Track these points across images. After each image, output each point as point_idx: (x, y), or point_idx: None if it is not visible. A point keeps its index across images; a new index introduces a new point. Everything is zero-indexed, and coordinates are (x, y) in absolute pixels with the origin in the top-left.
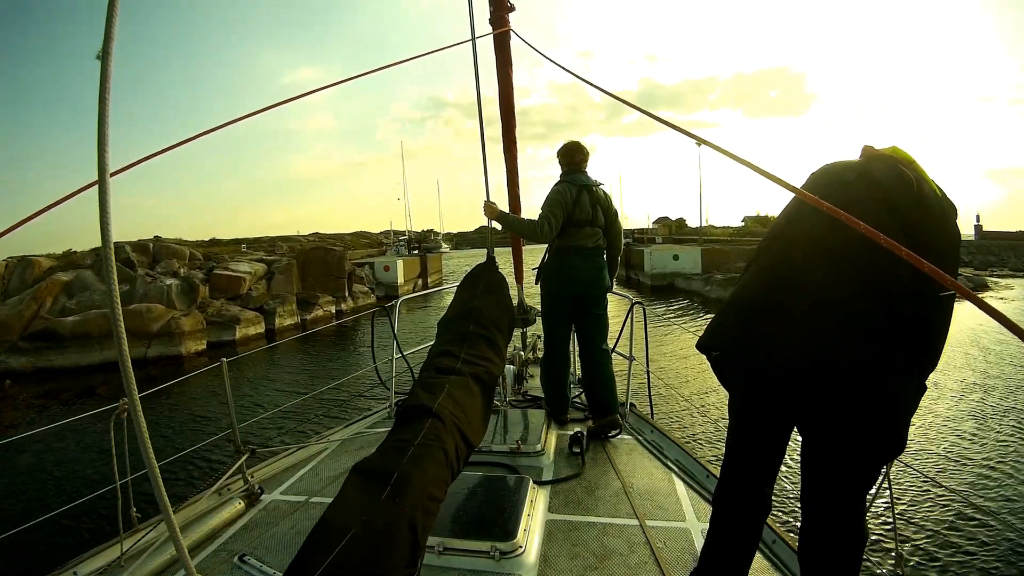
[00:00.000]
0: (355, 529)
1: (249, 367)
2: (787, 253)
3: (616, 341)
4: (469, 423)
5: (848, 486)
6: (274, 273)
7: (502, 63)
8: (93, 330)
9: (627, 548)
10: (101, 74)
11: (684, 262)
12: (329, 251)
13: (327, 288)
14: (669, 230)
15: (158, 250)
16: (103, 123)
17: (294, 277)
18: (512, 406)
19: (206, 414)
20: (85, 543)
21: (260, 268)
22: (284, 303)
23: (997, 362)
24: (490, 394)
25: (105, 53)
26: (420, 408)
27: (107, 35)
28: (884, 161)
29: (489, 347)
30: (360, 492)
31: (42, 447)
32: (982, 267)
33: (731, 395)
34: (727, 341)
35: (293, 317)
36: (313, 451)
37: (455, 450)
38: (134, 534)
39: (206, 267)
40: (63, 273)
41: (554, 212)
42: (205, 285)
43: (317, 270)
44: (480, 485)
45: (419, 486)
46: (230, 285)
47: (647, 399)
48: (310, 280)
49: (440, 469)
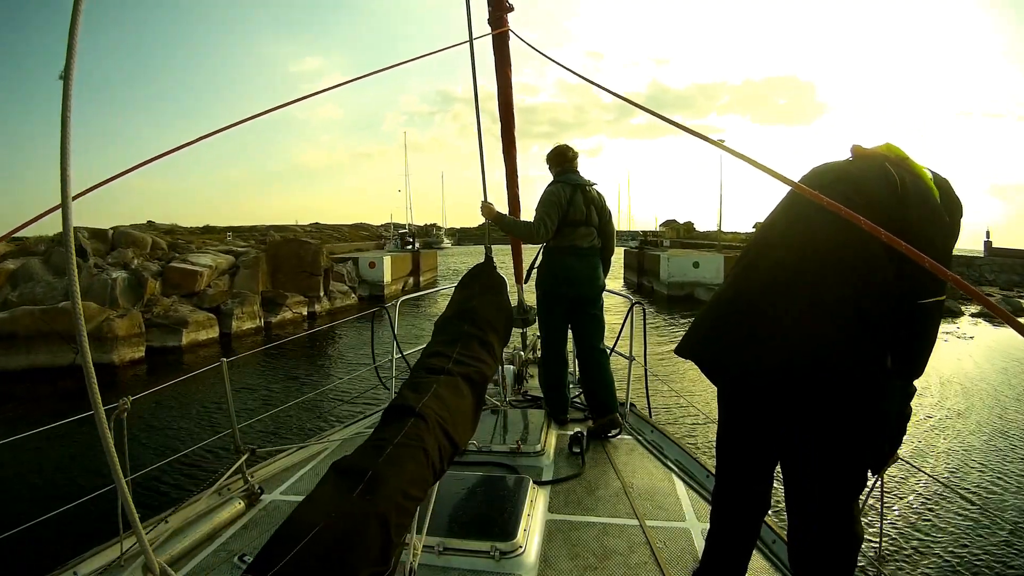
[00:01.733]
0: (322, 523)
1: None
2: (779, 255)
3: (615, 341)
4: (455, 423)
5: (843, 488)
6: (239, 268)
7: (501, 63)
8: (21, 330)
9: (627, 548)
10: (63, 94)
11: (705, 270)
12: (303, 244)
13: (299, 286)
14: (677, 233)
15: (118, 237)
16: (65, 142)
17: (262, 273)
18: (512, 406)
19: (206, 414)
20: (85, 543)
21: (224, 261)
22: (244, 303)
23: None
24: (481, 394)
25: (67, 75)
26: (403, 408)
27: (69, 55)
28: (871, 160)
29: (482, 347)
30: (332, 489)
31: (42, 447)
32: (1007, 286)
33: (718, 395)
34: (706, 343)
35: (254, 320)
36: (313, 451)
37: (438, 450)
38: (134, 534)
39: (168, 258)
40: (12, 261)
41: (549, 213)
42: (157, 280)
43: (289, 266)
44: (480, 485)
45: (394, 484)
46: (184, 280)
47: (647, 399)
48: (280, 277)
49: (419, 468)
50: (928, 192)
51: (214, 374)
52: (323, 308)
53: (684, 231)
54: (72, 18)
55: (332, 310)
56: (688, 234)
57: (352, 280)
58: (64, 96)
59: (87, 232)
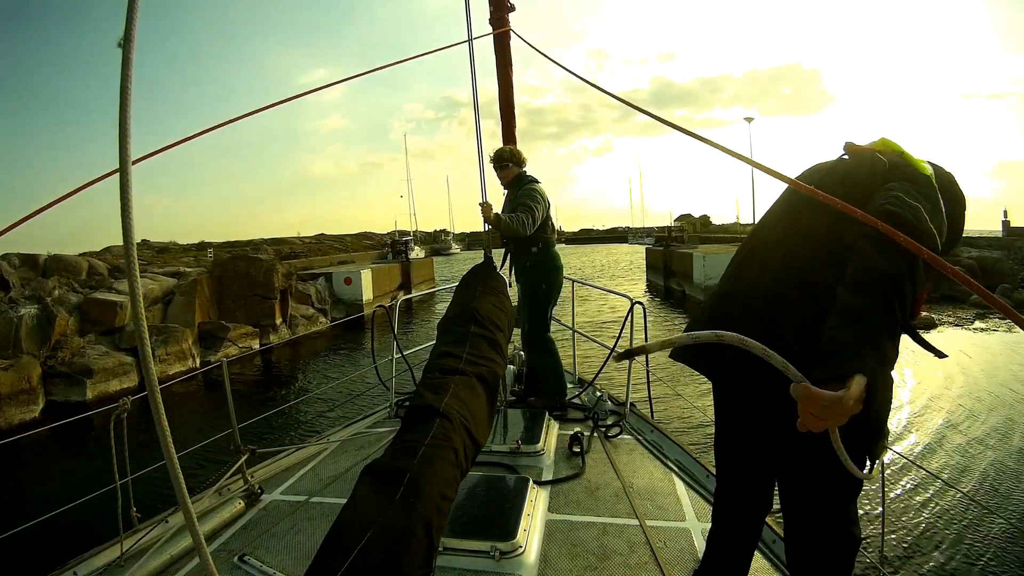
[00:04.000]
0: (372, 530)
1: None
2: (771, 253)
3: (616, 341)
4: (476, 422)
5: (837, 488)
6: (174, 294)
7: (502, 63)
8: None
9: (627, 548)
10: (123, 62)
11: None
12: (253, 261)
13: (250, 313)
14: (693, 228)
15: (50, 263)
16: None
17: (202, 299)
18: (512, 406)
19: (206, 414)
20: (85, 543)
21: (158, 287)
22: (171, 339)
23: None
24: (493, 393)
25: (127, 40)
26: (427, 409)
27: (129, 21)
28: (863, 156)
29: (491, 347)
30: (374, 493)
31: (41, 447)
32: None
33: (713, 394)
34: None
35: (185, 360)
36: (313, 451)
37: (464, 449)
38: (134, 534)
39: (106, 284)
40: None
41: (540, 208)
42: (72, 315)
43: (237, 288)
44: (480, 485)
45: (432, 486)
46: (103, 315)
47: (647, 399)
48: (228, 303)
49: (450, 468)
50: (925, 179)
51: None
52: (281, 338)
53: (700, 225)
54: None
55: (294, 340)
56: (705, 228)
57: (322, 301)
58: (123, 64)
59: (17, 259)
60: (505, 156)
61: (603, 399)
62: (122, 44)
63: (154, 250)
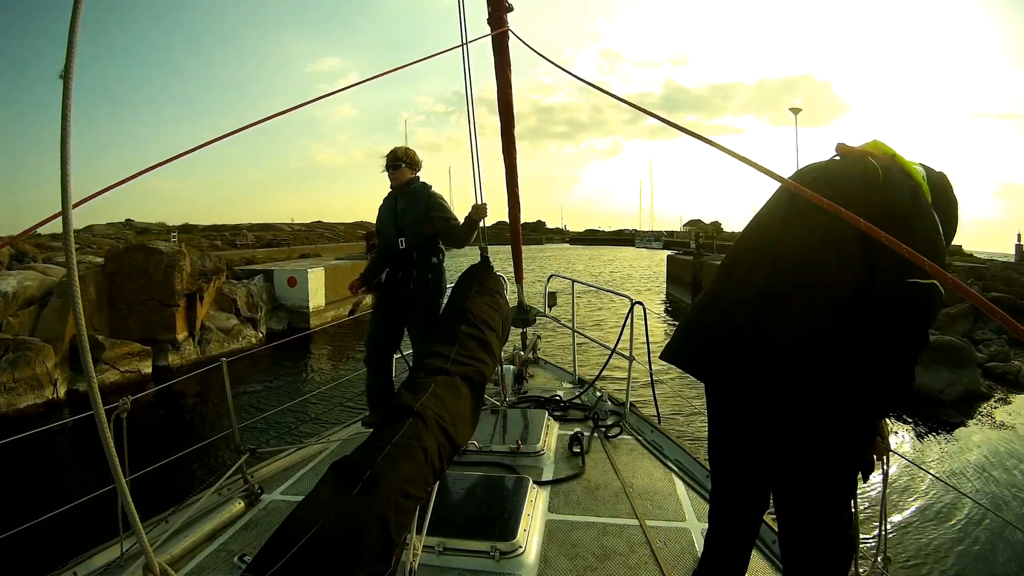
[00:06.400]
0: (321, 523)
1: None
2: (758, 257)
3: (616, 341)
4: (454, 422)
5: (831, 490)
6: (51, 296)
7: (501, 63)
8: None
9: (627, 548)
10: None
11: None
12: (151, 254)
13: (147, 324)
14: (707, 234)
15: None
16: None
17: (87, 303)
18: (512, 406)
19: (206, 414)
20: (85, 543)
21: (35, 285)
22: (19, 362)
23: None
24: (480, 394)
25: (67, 73)
26: (403, 408)
27: (69, 53)
28: (854, 158)
29: (480, 347)
30: (330, 488)
31: (41, 447)
32: None
33: (706, 396)
34: (689, 348)
35: (41, 390)
36: (313, 451)
37: (437, 449)
38: (134, 534)
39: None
40: None
41: None
42: None
43: (132, 290)
44: (480, 485)
45: (392, 483)
46: None
47: (649, 399)
48: (122, 308)
49: (418, 467)
50: (915, 186)
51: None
52: (186, 358)
53: (714, 232)
54: (72, 15)
55: (205, 360)
56: (718, 235)
57: (254, 307)
58: (64, 95)
59: None
60: (400, 155)
61: (603, 399)
62: (63, 76)
63: (135, 231)
